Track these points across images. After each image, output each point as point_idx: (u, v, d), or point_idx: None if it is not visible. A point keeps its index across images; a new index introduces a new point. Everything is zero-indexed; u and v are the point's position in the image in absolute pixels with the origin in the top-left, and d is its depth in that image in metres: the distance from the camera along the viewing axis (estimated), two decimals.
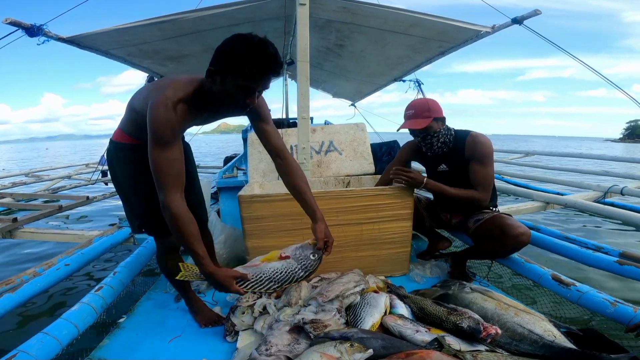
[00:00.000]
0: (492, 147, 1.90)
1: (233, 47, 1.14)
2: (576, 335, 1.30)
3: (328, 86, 6.54)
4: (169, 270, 1.59)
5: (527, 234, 1.75)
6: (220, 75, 1.17)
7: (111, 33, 2.61)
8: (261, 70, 1.15)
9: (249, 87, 1.17)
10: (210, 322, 1.61)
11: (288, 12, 2.80)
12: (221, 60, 1.16)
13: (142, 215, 1.50)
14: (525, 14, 2.67)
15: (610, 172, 4.29)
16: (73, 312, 1.43)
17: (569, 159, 7.25)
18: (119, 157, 1.45)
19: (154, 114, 1.18)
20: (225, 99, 1.22)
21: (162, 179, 1.19)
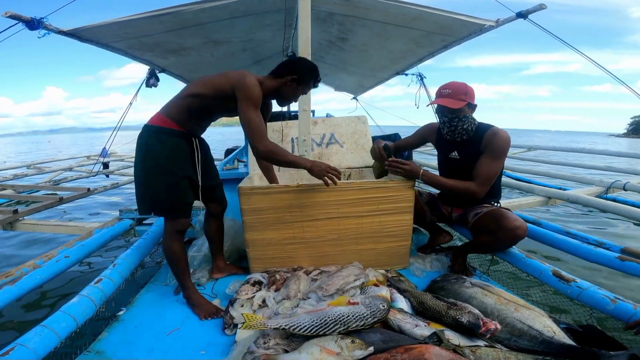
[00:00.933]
0: (508, 145, 1.86)
1: (307, 68, 1.76)
2: (576, 332, 1.29)
3: (330, 79, 6.50)
4: (173, 252, 1.69)
5: (523, 227, 1.73)
6: (296, 82, 1.73)
7: (112, 26, 2.59)
8: (315, 85, 1.85)
9: (303, 92, 1.82)
10: (210, 314, 1.62)
11: (289, 5, 2.77)
12: (300, 74, 1.72)
13: (161, 197, 1.64)
14: (530, 8, 2.63)
15: (613, 168, 4.26)
16: (72, 305, 1.42)
17: (572, 154, 7.20)
18: (159, 139, 1.63)
19: (249, 83, 1.58)
20: (291, 96, 1.79)
21: (262, 131, 1.62)
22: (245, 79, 1.59)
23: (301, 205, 1.86)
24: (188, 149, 1.70)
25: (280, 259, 1.96)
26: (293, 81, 1.71)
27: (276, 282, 1.75)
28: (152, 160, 1.63)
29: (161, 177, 1.63)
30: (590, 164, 5.16)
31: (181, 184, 1.67)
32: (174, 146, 1.65)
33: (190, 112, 1.66)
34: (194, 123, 1.71)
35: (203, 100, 1.65)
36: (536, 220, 2.23)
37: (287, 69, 1.72)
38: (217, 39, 3.41)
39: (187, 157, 1.70)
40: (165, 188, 1.63)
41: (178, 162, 1.66)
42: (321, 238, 1.93)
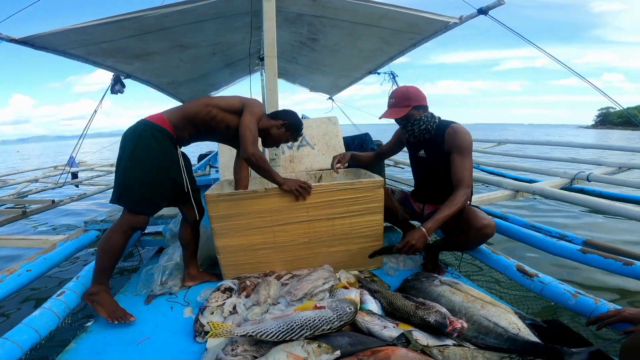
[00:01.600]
0: (470, 140, 1.88)
1: (297, 119, 1.98)
2: (542, 327, 1.31)
3: (304, 80, 6.48)
4: (115, 246, 1.66)
5: (491, 225, 1.75)
6: (285, 128, 1.94)
7: (67, 33, 2.49)
8: (296, 137, 2.04)
9: (288, 140, 2.04)
10: (117, 317, 1.59)
11: (256, 7, 2.74)
12: (290, 122, 1.95)
13: (135, 188, 1.67)
14: (490, 4, 2.69)
15: (578, 159, 4.40)
16: (34, 318, 1.42)
17: (541, 147, 7.44)
18: (155, 136, 1.69)
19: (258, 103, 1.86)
20: (277, 139, 1.97)
21: (255, 139, 1.75)
22: (255, 100, 1.88)
23: (270, 210, 1.83)
24: (175, 155, 1.77)
25: (253, 264, 1.94)
26: (283, 125, 1.93)
27: (247, 288, 1.73)
28: (143, 153, 1.67)
29: (145, 170, 1.67)
30: (556, 156, 5.34)
31: (163, 183, 1.73)
32: (167, 147, 1.72)
33: (190, 123, 1.79)
34: (186, 133, 1.81)
35: (209, 114, 1.79)
36: (503, 214, 2.28)
37: (280, 115, 1.97)
38: (185, 43, 3.33)
39: (175, 160, 1.77)
40: (143, 181, 1.67)
41: (167, 163, 1.73)
42: (293, 242, 1.92)
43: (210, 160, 3.86)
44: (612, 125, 55.55)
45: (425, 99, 1.95)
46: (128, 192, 1.68)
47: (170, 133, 1.74)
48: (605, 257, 1.56)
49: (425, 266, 2.00)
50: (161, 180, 1.72)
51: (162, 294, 1.87)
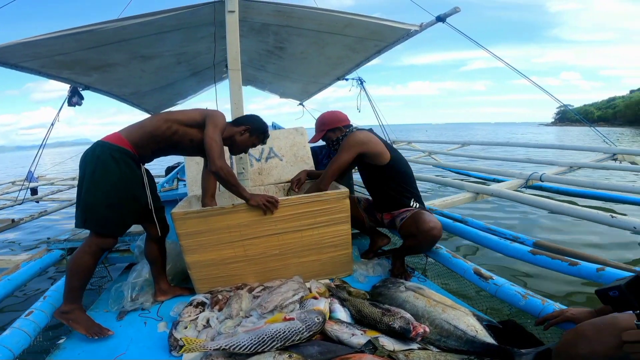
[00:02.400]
0: (346, 142, 2.05)
1: (261, 124, 1.99)
2: (498, 328, 1.39)
3: (274, 87, 6.49)
4: (85, 267, 1.66)
5: (437, 227, 1.87)
6: (249, 133, 1.94)
7: (17, 46, 2.39)
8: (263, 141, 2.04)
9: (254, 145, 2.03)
10: (95, 332, 1.60)
11: (220, 18, 2.74)
12: (253, 127, 1.95)
13: (100, 211, 1.65)
14: (447, 12, 2.82)
15: (532, 159, 4.66)
16: (4, 337, 1.43)
17: (503, 147, 7.80)
18: (114, 156, 1.66)
19: (219, 114, 1.85)
20: (242, 145, 1.96)
21: (222, 152, 1.74)
22: (216, 112, 1.87)
23: (239, 225, 1.85)
24: (138, 173, 1.76)
25: (225, 277, 1.95)
26: (246, 131, 1.93)
27: (219, 302, 1.75)
28: (102, 175, 1.64)
29: (107, 192, 1.65)
30: (515, 156, 5.61)
31: (126, 204, 1.71)
32: (127, 166, 1.69)
33: (150, 139, 1.76)
34: (148, 150, 1.79)
35: (171, 129, 1.77)
36: (463, 218, 2.39)
37: (243, 121, 1.96)
38: (147, 54, 3.27)
39: (137, 179, 1.74)
40: (107, 203, 1.65)
41: (128, 182, 1.70)
42: (263, 254, 1.94)
43: (178, 173, 3.79)
44: (570, 122, 58.88)
45: (340, 121, 2.20)
46: (93, 215, 1.66)
47: (129, 152, 1.71)
48: (553, 257, 1.67)
49: (393, 272, 2.08)
50: (125, 201, 1.70)
51: (134, 310, 1.87)
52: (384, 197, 2.14)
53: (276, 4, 2.68)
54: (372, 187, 2.20)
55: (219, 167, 1.70)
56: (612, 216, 1.99)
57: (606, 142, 4.33)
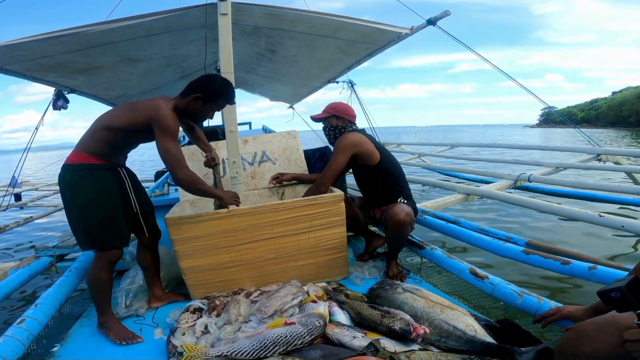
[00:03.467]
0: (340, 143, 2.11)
1: (213, 86, 1.74)
2: (496, 327, 1.41)
3: (264, 90, 6.46)
4: (101, 282, 1.68)
5: (401, 213, 1.93)
6: (202, 100, 1.71)
7: (1, 49, 2.32)
8: (228, 102, 1.82)
9: (216, 110, 1.84)
10: (126, 338, 1.63)
11: (212, 20, 2.71)
12: (204, 92, 1.70)
13: (94, 230, 1.64)
14: (437, 15, 2.86)
15: (520, 161, 4.74)
16: None
17: (490, 149, 7.94)
18: (82, 176, 1.62)
19: (166, 114, 1.61)
20: (200, 115, 1.77)
21: (181, 161, 1.63)
22: (158, 110, 1.61)
23: (235, 230, 1.84)
24: (116, 180, 1.71)
25: (221, 282, 1.93)
26: (197, 99, 1.70)
27: (216, 308, 1.73)
28: (82, 197, 1.62)
29: (94, 211, 1.63)
30: (504, 157, 5.72)
31: (116, 215, 1.68)
32: (100, 180, 1.65)
33: (108, 145, 1.67)
34: (115, 153, 1.72)
35: (118, 133, 1.66)
36: (456, 219, 2.43)
37: (192, 88, 1.72)
38: (134, 57, 3.22)
39: (115, 188, 1.70)
40: (98, 221, 1.64)
41: (107, 195, 1.66)
42: (260, 259, 1.93)
43: (168, 177, 3.73)
44: (554, 123, 60.23)
45: (349, 115, 2.27)
46: (90, 236, 1.67)
47: (96, 164, 1.65)
48: (546, 257, 1.71)
49: (388, 274, 2.10)
50: (114, 213, 1.68)
51: (129, 316, 1.84)
52: (375, 195, 2.24)
53: (268, 6, 2.68)
54: (364, 186, 2.30)
55: (180, 179, 1.62)
56: (601, 215, 2.05)
57: (590, 143, 4.45)
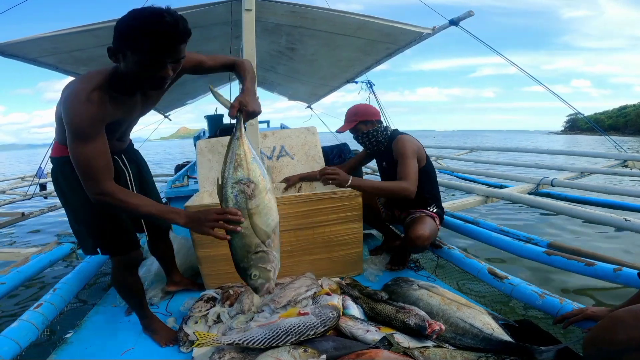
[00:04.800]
0: (412, 146, 2.02)
1: (128, 23, 1.07)
2: (514, 326, 1.38)
3: (283, 89, 6.52)
4: (127, 288, 1.56)
5: (420, 238, 1.86)
6: (121, 53, 1.11)
7: (39, 41, 2.44)
8: (160, 41, 1.05)
9: (154, 61, 1.09)
10: (170, 341, 1.55)
11: (236, 17, 2.76)
12: (118, 38, 1.10)
13: (98, 234, 1.44)
14: (460, 15, 2.82)
15: (542, 165, 4.62)
16: (13, 329, 1.41)
17: (511, 153, 7.79)
18: (64, 172, 1.36)
19: (69, 108, 1.13)
20: (137, 77, 1.14)
21: (93, 173, 1.15)
22: (66, 103, 1.15)
23: None
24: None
25: (234, 273, 1.93)
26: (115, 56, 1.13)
27: (230, 298, 1.74)
28: (72, 196, 1.38)
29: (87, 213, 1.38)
30: (524, 161, 5.60)
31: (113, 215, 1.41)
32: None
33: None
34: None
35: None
36: (475, 219, 2.39)
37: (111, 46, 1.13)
38: None
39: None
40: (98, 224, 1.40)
41: None
42: None
43: (188, 170, 3.82)
44: (581, 130, 58.47)
45: (374, 115, 2.16)
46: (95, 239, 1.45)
47: None
48: (569, 258, 1.67)
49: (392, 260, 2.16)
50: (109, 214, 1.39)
51: None
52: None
53: (291, 4, 2.71)
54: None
55: (95, 194, 1.17)
56: (626, 219, 1.98)
57: (617, 149, 4.30)
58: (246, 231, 1.14)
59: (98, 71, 1.21)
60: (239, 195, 1.17)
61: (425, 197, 2.09)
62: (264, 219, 1.18)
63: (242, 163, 1.22)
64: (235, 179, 1.19)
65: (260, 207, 1.16)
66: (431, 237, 1.94)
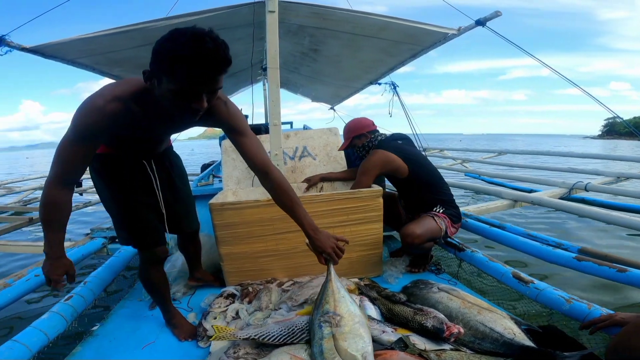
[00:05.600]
0: (366, 166, 2.11)
1: (165, 46, 0.99)
2: (537, 333, 1.33)
3: (306, 90, 6.56)
4: (152, 282, 1.59)
5: (409, 236, 1.94)
6: (156, 78, 1.04)
7: (76, 42, 2.56)
8: (197, 70, 0.97)
9: (188, 91, 1.01)
10: (190, 336, 1.58)
11: (259, 18, 2.82)
12: (154, 62, 1.03)
13: (126, 228, 1.49)
14: (487, 15, 2.74)
15: (576, 169, 4.44)
16: (42, 321, 1.47)
17: (540, 157, 7.48)
18: (94, 168, 1.41)
19: (83, 106, 1.10)
20: (168, 104, 1.07)
21: (57, 166, 1.12)
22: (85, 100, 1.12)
23: (272, 219, 1.88)
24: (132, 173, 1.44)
25: (255, 271, 1.97)
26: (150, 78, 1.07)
27: (249, 295, 1.77)
28: (103, 190, 1.44)
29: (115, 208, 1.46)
30: (555, 166, 5.37)
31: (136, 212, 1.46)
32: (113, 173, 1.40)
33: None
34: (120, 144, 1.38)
35: None
36: (501, 224, 2.32)
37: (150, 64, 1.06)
38: None
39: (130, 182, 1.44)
40: (122, 219, 1.47)
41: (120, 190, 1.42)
42: (294, 249, 1.95)
43: (213, 170, 3.92)
44: (619, 135, 55.33)
45: (365, 127, 2.31)
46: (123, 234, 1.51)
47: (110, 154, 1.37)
48: (600, 264, 1.60)
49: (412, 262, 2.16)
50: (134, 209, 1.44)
51: None
52: (412, 202, 2.26)
53: (314, 5, 2.73)
54: (401, 194, 2.34)
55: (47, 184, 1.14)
56: None
57: None
58: (328, 354, 1.13)
59: (136, 80, 1.17)
60: (323, 325, 1.21)
61: (427, 202, 2.14)
62: (350, 344, 1.16)
63: (329, 300, 1.30)
64: (322, 313, 1.27)
65: (345, 334, 1.18)
66: (423, 236, 1.95)
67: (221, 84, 1.08)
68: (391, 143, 2.24)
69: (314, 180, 2.43)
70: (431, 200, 2.12)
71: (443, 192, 2.17)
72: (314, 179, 2.43)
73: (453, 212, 2.11)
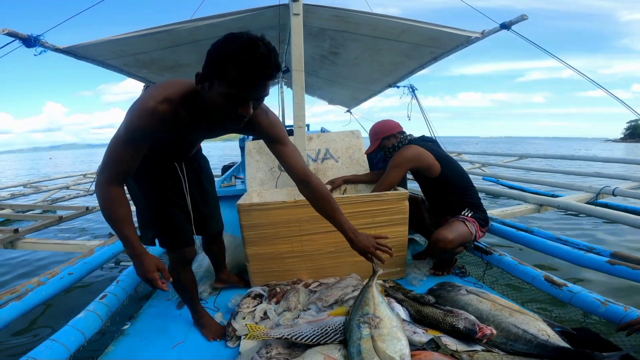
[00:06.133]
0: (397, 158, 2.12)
1: (219, 49, 1.01)
2: (571, 335, 1.32)
3: (324, 93, 6.59)
4: (181, 283, 1.60)
5: (441, 241, 1.92)
6: (208, 80, 1.06)
7: (107, 44, 2.64)
8: (249, 74, 0.99)
9: (237, 96, 1.02)
10: (218, 336, 1.60)
11: (283, 21, 2.85)
12: (208, 64, 1.04)
13: (157, 228, 1.52)
14: (513, 19, 2.72)
15: (602, 174, 4.33)
16: (79, 320, 1.49)
17: (563, 161, 7.32)
18: None
19: (135, 108, 1.13)
20: (215, 109, 1.08)
21: (110, 166, 1.15)
22: (136, 102, 1.16)
23: (299, 220, 1.90)
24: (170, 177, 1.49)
25: (280, 272, 2.00)
26: (202, 81, 1.08)
27: (276, 295, 1.79)
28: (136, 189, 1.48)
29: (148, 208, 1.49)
30: (579, 170, 5.25)
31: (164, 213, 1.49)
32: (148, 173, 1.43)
33: None
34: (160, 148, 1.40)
35: None
36: (528, 228, 2.29)
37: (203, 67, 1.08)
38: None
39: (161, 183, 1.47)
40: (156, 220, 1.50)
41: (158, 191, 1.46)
42: (319, 251, 1.97)
43: (234, 171, 3.97)
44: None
45: (393, 128, 2.31)
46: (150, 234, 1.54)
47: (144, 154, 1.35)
48: (634, 268, 1.57)
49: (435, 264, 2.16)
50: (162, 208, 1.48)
51: None
52: (439, 204, 2.23)
53: (336, 8, 2.75)
54: (428, 195, 2.30)
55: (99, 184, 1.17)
56: None
57: None
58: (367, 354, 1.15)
59: (183, 83, 1.18)
60: (362, 325, 1.23)
61: (454, 203, 2.12)
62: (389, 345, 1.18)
63: (369, 303, 1.33)
64: (361, 314, 1.28)
65: (383, 336, 1.20)
66: (456, 241, 1.94)
67: (268, 91, 1.10)
68: (422, 143, 2.22)
69: (337, 182, 2.44)
70: (460, 203, 2.11)
71: (472, 195, 2.15)
72: (337, 182, 2.44)
73: (481, 215, 2.10)
